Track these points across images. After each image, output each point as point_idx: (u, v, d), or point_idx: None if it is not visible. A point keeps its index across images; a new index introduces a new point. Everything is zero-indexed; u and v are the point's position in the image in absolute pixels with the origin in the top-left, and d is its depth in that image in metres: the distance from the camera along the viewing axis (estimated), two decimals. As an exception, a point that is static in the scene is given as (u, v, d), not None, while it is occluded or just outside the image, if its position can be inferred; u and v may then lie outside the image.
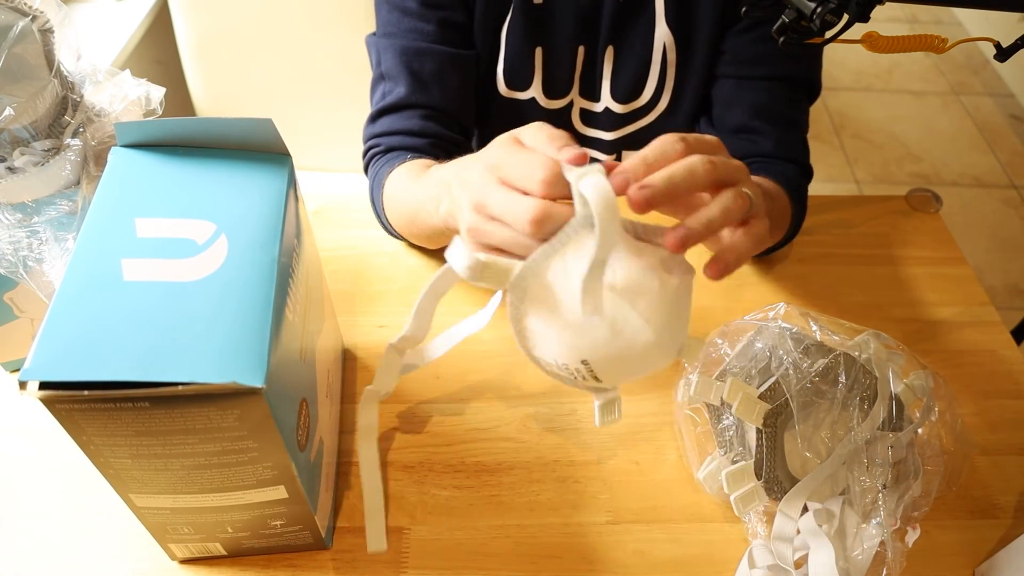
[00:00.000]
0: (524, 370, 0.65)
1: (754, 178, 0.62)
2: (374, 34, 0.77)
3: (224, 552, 0.52)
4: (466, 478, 0.58)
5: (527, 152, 0.43)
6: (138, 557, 0.53)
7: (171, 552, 0.52)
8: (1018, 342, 0.74)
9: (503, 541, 0.55)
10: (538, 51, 0.76)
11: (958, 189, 2.14)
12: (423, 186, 0.59)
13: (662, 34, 0.74)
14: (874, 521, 0.52)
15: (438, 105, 0.74)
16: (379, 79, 0.76)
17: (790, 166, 0.73)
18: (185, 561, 0.53)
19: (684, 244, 0.40)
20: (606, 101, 0.79)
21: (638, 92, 0.78)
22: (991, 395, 0.66)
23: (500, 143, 0.46)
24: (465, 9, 0.74)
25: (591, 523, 0.56)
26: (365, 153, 0.76)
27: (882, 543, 0.52)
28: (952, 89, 2.50)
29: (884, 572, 0.52)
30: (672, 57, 0.75)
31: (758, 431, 0.54)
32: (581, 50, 0.77)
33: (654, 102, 0.79)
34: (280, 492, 0.46)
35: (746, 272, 0.75)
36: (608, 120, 0.81)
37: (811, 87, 0.76)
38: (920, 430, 0.57)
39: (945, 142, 2.29)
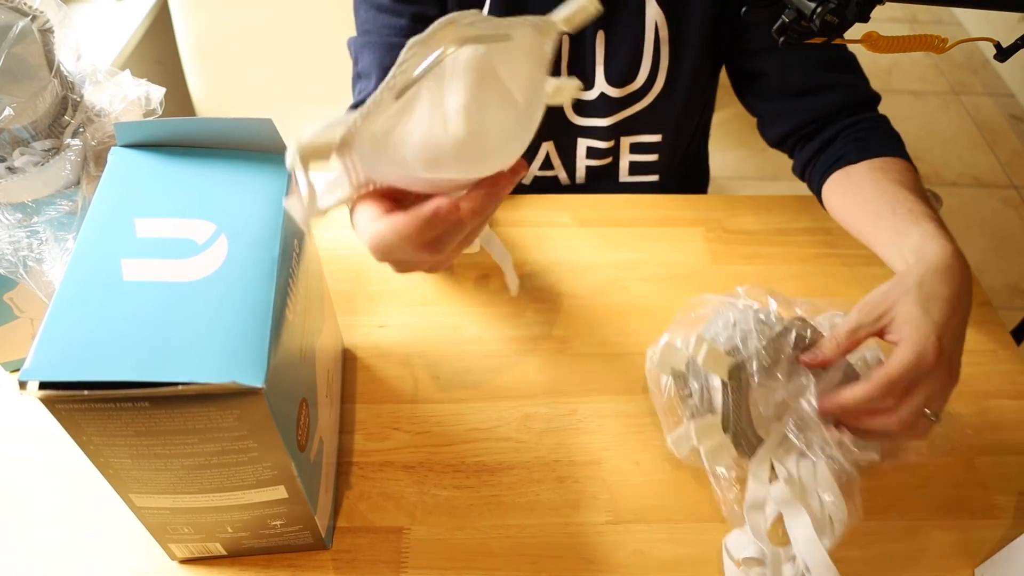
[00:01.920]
0: (524, 370, 0.65)
1: (880, 168, 0.67)
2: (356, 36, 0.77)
3: (224, 552, 0.52)
4: (466, 478, 0.58)
5: None
6: (138, 557, 0.53)
7: (171, 552, 0.52)
8: (1018, 342, 0.74)
9: (503, 541, 0.55)
10: None
11: (958, 189, 2.14)
12: None
13: (653, 13, 0.73)
14: (827, 457, 0.54)
15: None
16: (356, 78, 0.76)
17: (869, 115, 0.75)
18: (185, 561, 0.53)
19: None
20: (601, 86, 0.78)
21: (633, 75, 0.77)
22: (991, 395, 0.66)
23: None
24: (439, 2, 0.74)
25: (591, 523, 0.56)
26: None
27: (843, 478, 0.54)
28: (952, 89, 2.50)
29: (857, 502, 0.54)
30: (664, 35, 0.75)
31: (723, 384, 0.55)
32: (565, 37, 0.76)
33: (650, 84, 0.78)
34: (280, 492, 0.46)
35: (746, 272, 0.75)
36: (604, 106, 0.80)
37: None
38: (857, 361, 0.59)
39: (945, 142, 2.29)
